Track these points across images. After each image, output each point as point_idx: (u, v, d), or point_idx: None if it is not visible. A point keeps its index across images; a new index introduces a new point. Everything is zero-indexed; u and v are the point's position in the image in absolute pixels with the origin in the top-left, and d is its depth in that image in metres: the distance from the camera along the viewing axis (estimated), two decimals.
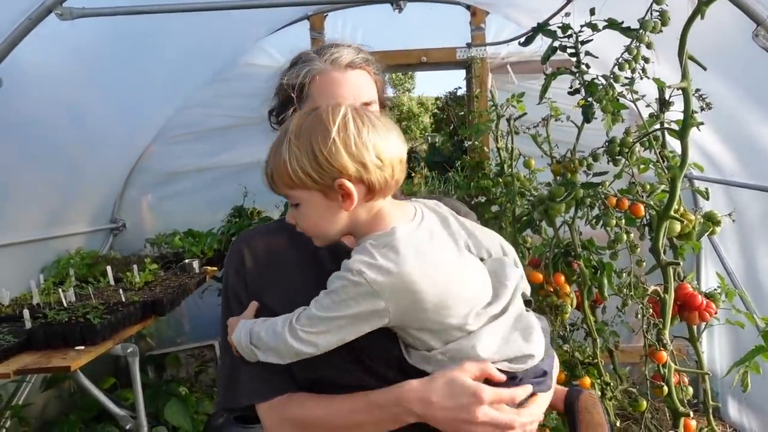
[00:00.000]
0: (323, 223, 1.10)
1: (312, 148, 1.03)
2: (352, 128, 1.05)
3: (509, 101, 3.39)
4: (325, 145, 1.03)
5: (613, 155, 2.14)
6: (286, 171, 1.05)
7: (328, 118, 1.05)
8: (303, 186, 1.06)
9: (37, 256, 3.51)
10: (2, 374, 2.14)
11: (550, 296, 2.52)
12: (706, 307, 2.02)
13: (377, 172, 1.06)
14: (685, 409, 1.96)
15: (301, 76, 1.25)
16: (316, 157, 1.03)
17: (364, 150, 1.04)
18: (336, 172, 1.03)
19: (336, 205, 1.07)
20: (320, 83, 1.24)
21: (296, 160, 1.04)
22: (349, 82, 1.25)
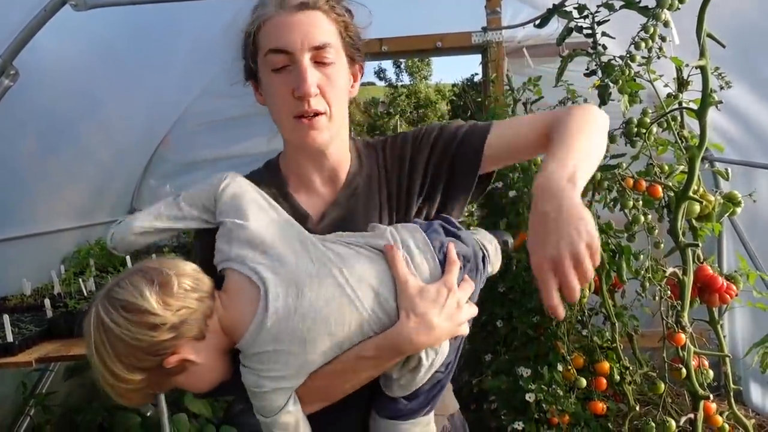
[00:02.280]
0: (207, 379, 1.10)
1: (102, 364, 1.02)
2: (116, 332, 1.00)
3: (525, 85, 3.36)
4: (106, 359, 1.01)
5: (631, 136, 2.11)
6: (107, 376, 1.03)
7: (92, 336, 1.02)
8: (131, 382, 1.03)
9: (58, 246, 3.55)
10: (25, 362, 2.17)
11: None
12: (726, 289, 1.99)
13: (176, 332, 1.01)
14: (704, 392, 1.94)
15: (249, 24, 1.18)
16: (108, 372, 1.02)
17: (148, 340, 1.00)
18: (138, 370, 1.02)
19: (199, 366, 1.06)
20: (266, 29, 1.15)
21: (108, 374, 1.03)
22: (298, 25, 1.13)
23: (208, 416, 3.11)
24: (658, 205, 2.09)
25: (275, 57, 1.15)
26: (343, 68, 1.21)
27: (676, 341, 1.92)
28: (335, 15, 1.19)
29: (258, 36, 1.17)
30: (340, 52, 1.19)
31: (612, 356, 2.60)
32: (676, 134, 2.00)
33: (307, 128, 1.17)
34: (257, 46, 1.18)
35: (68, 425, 3.15)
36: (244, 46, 1.22)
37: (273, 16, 1.14)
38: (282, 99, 1.17)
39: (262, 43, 1.17)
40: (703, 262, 2.08)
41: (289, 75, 1.14)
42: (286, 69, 1.15)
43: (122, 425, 2.91)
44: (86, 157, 3.55)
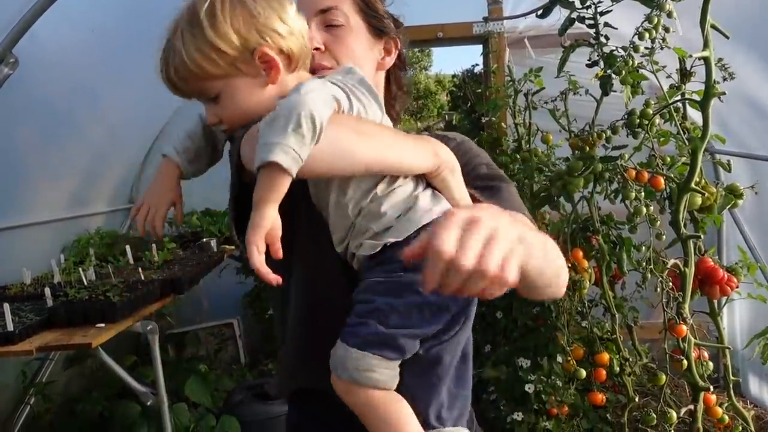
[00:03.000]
0: (252, 107, 1.03)
1: (219, 26, 0.98)
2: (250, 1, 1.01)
3: (527, 76, 3.34)
4: (233, 19, 0.98)
5: (633, 127, 2.10)
6: (195, 61, 0.99)
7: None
8: (218, 73, 1.00)
9: (58, 236, 3.54)
10: (25, 351, 2.16)
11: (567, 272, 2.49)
12: (727, 281, 1.99)
13: (291, 39, 1.03)
14: (704, 384, 1.94)
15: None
16: (225, 34, 0.98)
17: (266, 16, 1.00)
18: (252, 43, 0.99)
19: (261, 81, 1.03)
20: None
21: (204, 44, 0.98)
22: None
23: (208, 405, 3.12)
24: (659, 197, 2.08)
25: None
26: (356, 33, 1.21)
27: (677, 333, 1.92)
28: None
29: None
30: (353, 18, 1.20)
31: (612, 347, 2.61)
32: (679, 126, 1.99)
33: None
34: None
35: (68, 414, 3.15)
36: None
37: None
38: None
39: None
40: (704, 254, 2.08)
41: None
42: None
43: (122, 414, 2.92)
44: (86, 147, 3.54)
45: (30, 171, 3.10)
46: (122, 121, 3.76)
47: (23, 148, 2.97)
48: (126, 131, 3.94)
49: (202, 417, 2.96)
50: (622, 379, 2.57)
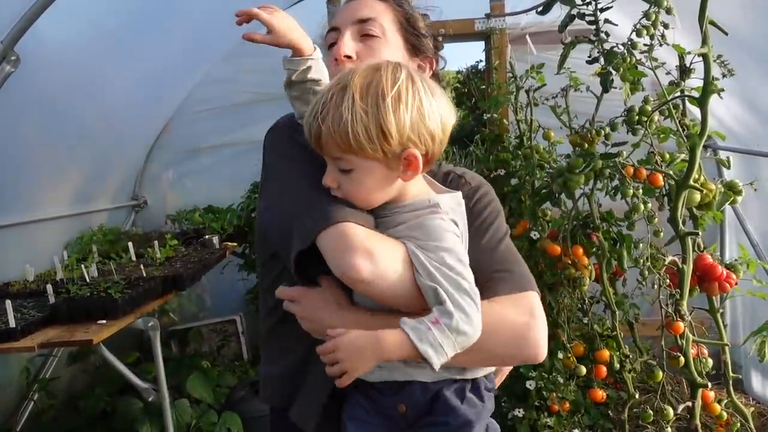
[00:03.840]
0: (376, 193, 1.04)
1: (384, 114, 0.96)
2: (423, 96, 0.99)
3: (528, 72, 3.34)
4: (398, 114, 0.96)
5: (632, 124, 2.10)
6: (348, 134, 0.96)
7: (398, 81, 0.98)
8: (363, 153, 0.98)
9: (61, 233, 3.56)
10: (27, 347, 2.18)
11: (568, 268, 2.50)
12: (726, 278, 1.99)
13: (439, 144, 1.02)
14: (702, 381, 1.94)
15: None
16: (388, 126, 0.96)
17: (434, 122, 1.00)
18: (410, 142, 0.98)
19: (395, 174, 1.02)
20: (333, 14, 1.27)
21: (363, 125, 0.96)
22: (351, 8, 1.25)
23: (210, 402, 3.13)
24: (658, 194, 2.08)
25: (329, 36, 1.26)
26: (392, 47, 1.24)
27: (674, 330, 1.92)
28: (397, 6, 1.26)
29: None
30: (390, 32, 1.23)
31: (612, 344, 2.60)
32: (678, 122, 1.99)
33: None
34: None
35: (71, 410, 3.17)
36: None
37: (339, 6, 1.28)
38: (330, 70, 1.20)
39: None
40: (703, 250, 2.08)
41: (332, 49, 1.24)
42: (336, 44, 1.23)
43: (125, 410, 2.93)
44: (88, 144, 3.55)
45: (33, 168, 3.12)
46: (124, 118, 3.77)
47: (26, 146, 2.98)
48: (128, 128, 3.95)
49: (204, 413, 2.97)
50: (623, 376, 2.57)
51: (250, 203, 4.04)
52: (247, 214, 4.03)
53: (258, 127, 4.39)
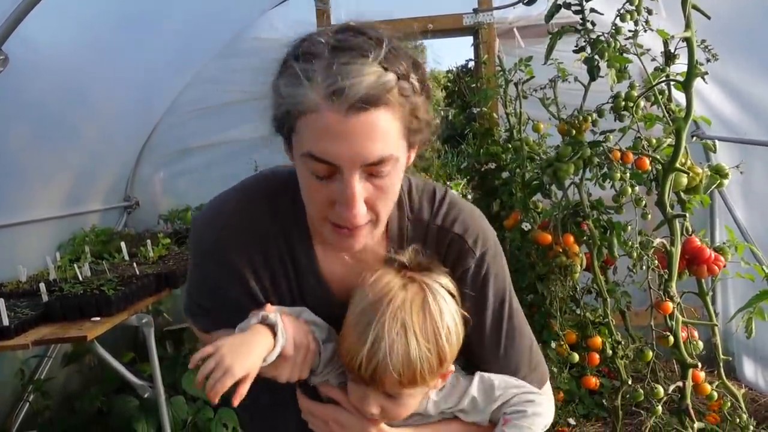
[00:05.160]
0: (414, 408, 1.09)
1: (442, 348, 1.01)
2: (454, 312, 1.05)
3: (517, 65, 3.36)
4: (450, 341, 1.02)
5: (619, 110, 2.12)
6: (416, 373, 0.99)
7: (443, 311, 1.03)
8: (423, 384, 1.03)
9: (53, 234, 3.56)
10: (21, 345, 2.19)
11: (559, 257, 2.51)
12: (714, 261, 2.01)
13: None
14: (693, 361, 1.96)
15: (286, 104, 0.93)
16: (445, 355, 1.03)
17: (460, 330, 1.06)
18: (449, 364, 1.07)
19: (427, 390, 1.09)
20: (309, 122, 0.90)
21: (428, 362, 1.00)
22: (353, 135, 0.88)
23: (205, 399, 3.13)
24: (646, 179, 2.10)
25: (317, 165, 0.92)
26: (401, 168, 0.99)
27: (663, 310, 1.94)
28: (404, 101, 0.92)
29: (296, 119, 0.92)
30: (400, 151, 0.95)
31: (604, 331, 2.62)
32: (664, 108, 2.01)
33: (345, 237, 1.00)
34: (293, 127, 0.95)
35: (67, 410, 3.18)
36: (276, 105, 0.98)
37: (321, 109, 0.88)
38: (319, 203, 0.99)
39: (300, 135, 0.93)
40: (691, 234, 2.10)
41: (331, 184, 0.94)
42: (328, 177, 0.94)
43: (121, 408, 2.93)
44: (79, 146, 3.55)
45: (24, 170, 3.12)
46: (114, 120, 3.77)
47: (16, 148, 2.98)
48: (119, 129, 3.95)
49: (199, 410, 2.98)
50: (616, 363, 2.58)
51: None
52: None
53: (248, 126, 4.44)
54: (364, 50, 0.89)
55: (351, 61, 0.87)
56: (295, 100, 0.90)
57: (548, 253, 2.61)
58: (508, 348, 1.16)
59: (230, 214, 1.14)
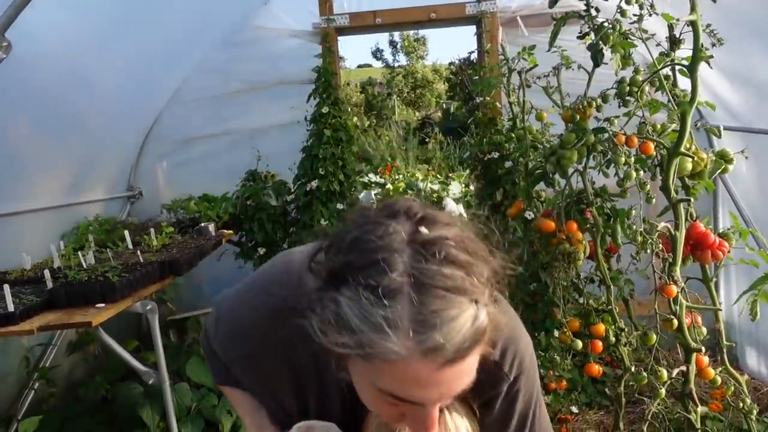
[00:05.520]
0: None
1: None
2: None
3: (520, 54, 3.35)
4: None
5: (623, 95, 2.12)
6: None
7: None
8: None
9: (57, 223, 3.57)
10: (26, 330, 2.19)
11: (562, 244, 2.52)
12: (718, 246, 2.01)
13: None
14: (697, 345, 1.97)
15: (357, 341, 0.78)
16: None
17: None
18: None
19: None
20: (393, 370, 0.80)
21: None
22: (441, 383, 0.82)
23: (210, 386, 3.14)
24: (650, 164, 2.10)
25: (392, 399, 0.85)
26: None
27: (667, 293, 1.94)
28: (494, 336, 0.86)
29: (371, 357, 0.80)
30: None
31: (607, 318, 2.62)
32: (669, 93, 2.01)
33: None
34: (362, 357, 0.82)
35: (72, 398, 3.19)
36: (336, 327, 0.81)
37: (407, 363, 0.78)
38: (387, 416, 0.94)
39: (376, 371, 0.83)
40: (696, 219, 2.10)
41: (403, 405, 0.87)
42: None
43: (125, 395, 2.95)
44: (82, 135, 3.55)
45: (26, 159, 3.12)
46: (118, 108, 3.77)
47: (18, 137, 2.98)
48: (122, 119, 3.95)
49: (204, 397, 2.99)
50: (619, 351, 2.59)
51: (245, 191, 4.05)
52: (242, 202, 4.03)
53: (251, 116, 4.43)
54: (454, 289, 0.78)
55: (442, 308, 0.76)
56: (373, 349, 0.77)
57: (551, 240, 2.61)
58: None
59: (256, 339, 1.11)
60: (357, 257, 0.80)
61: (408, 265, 0.77)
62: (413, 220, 0.82)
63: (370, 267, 0.77)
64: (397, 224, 0.81)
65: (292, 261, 1.13)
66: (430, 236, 0.80)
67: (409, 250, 0.78)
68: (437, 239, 0.80)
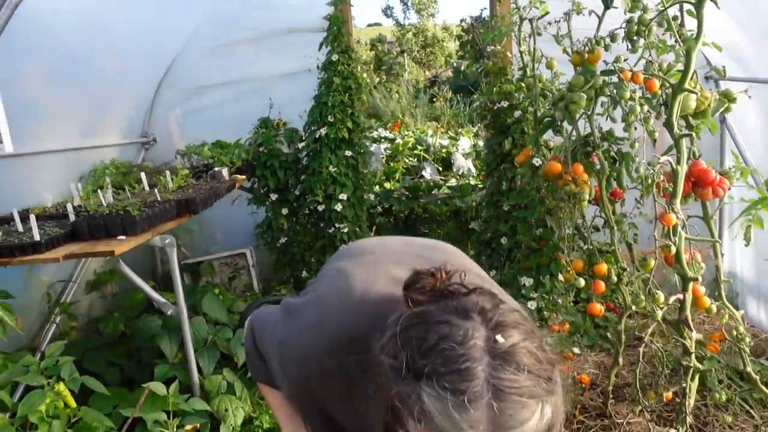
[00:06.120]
0: None
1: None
2: None
3: (532, 2, 3.37)
4: None
5: (631, 35, 2.16)
6: None
7: None
8: None
9: (74, 165, 3.65)
10: (53, 258, 2.30)
11: (568, 185, 2.58)
12: (719, 183, 2.08)
13: None
14: (693, 275, 2.05)
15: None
16: None
17: None
18: None
19: None
20: None
21: None
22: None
23: (225, 321, 3.26)
24: (655, 103, 2.15)
25: None
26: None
27: (666, 221, 2.01)
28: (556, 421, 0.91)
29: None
30: None
31: (610, 259, 2.70)
32: (676, 33, 2.05)
33: None
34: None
35: (93, 331, 3.32)
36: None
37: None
38: None
39: None
40: (698, 158, 2.16)
41: None
42: None
43: (144, 327, 3.07)
44: (99, 82, 3.61)
45: (44, 102, 3.18)
46: (132, 54, 3.82)
47: (38, 80, 3.04)
48: (136, 65, 4.00)
49: (219, 330, 3.11)
50: (620, 290, 2.67)
51: (257, 138, 4.12)
52: (255, 148, 4.11)
53: (264, 63, 4.46)
54: (526, 394, 0.86)
55: (515, 412, 0.85)
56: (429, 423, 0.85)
57: (557, 181, 2.68)
58: None
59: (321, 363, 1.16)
60: (441, 364, 0.86)
61: (487, 373, 0.85)
62: (488, 326, 0.90)
63: (454, 374, 0.85)
64: (473, 330, 0.89)
65: (351, 298, 1.18)
66: (506, 347, 0.87)
67: (488, 359, 0.86)
68: (512, 350, 0.87)
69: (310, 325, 1.22)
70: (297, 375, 1.20)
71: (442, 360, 0.86)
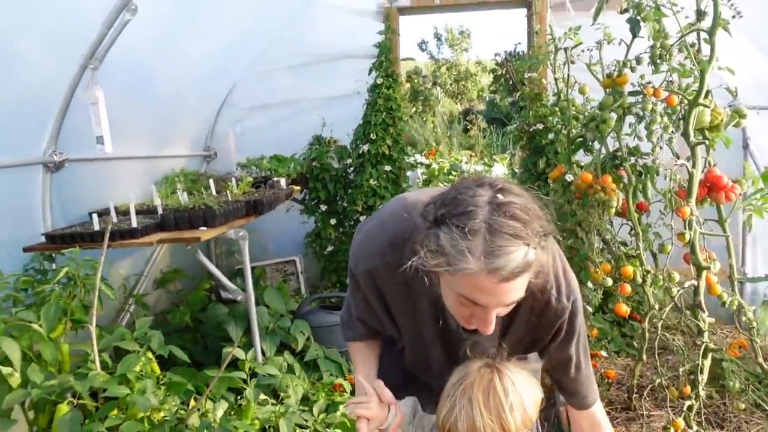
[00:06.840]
0: None
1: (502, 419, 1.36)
2: (517, 398, 1.41)
3: (567, 34, 3.71)
4: (513, 416, 1.37)
5: (655, 59, 2.48)
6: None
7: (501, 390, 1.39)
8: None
9: (149, 172, 4.06)
10: (148, 242, 2.68)
11: (598, 193, 2.88)
12: (731, 189, 2.37)
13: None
14: (707, 264, 2.32)
15: (446, 260, 1.17)
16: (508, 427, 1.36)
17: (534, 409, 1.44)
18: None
19: None
20: (465, 280, 1.19)
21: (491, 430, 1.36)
22: (499, 292, 1.20)
23: (283, 312, 3.60)
24: (675, 118, 2.46)
25: (465, 301, 1.25)
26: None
27: (681, 214, 2.30)
28: (536, 263, 1.20)
29: (454, 272, 1.18)
30: (526, 288, 1.26)
31: (635, 263, 2.97)
32: (693, 57, 2.37)
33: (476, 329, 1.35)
34: (447, 271, 1.20)
35: (162, 321, 3.68)
36: (432, 250, 1.20)
37: (477, 276, 1.16)
38: (460, 315, 1.34)
39: (456, 281, 1.22)
40: (713, 167, 2.46)
41: (472, 306, 1.26)
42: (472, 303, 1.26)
43: (212, 315, 3.41)
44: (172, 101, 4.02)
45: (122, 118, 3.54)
46: (201, 75, 4.24)
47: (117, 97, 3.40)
48: (204, 85, 4.43)
49: (279, 319, 3.44)
50: (644, 290, 2.94)
51: (311, 153, 4.52)
52: (308, 162, 4.50)
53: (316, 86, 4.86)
54: (513, 235, 1.15)
55: (505, 246, 1.14)
56: (457, 266, 1.16)
57: (588, 191, 2.98)
58: (584, 370, 1.60)
59: (380, 255, 1.50)
60: (453, 208, 1.19)
61: (486, 216, 1.16)
62: (494, 189, 1.23)
63: (461, 215, 1.17)
64: (482, 190, 1.21)
65: (406, 205, 1.51)
66: (503, 200, 1.19)
67: (488, 208, 1.17)
68: (507, 203, 1.19)
69: (371, 229, 1.58)
70: (366, 269, 1.54)
71: (455, 206, 1.19)
